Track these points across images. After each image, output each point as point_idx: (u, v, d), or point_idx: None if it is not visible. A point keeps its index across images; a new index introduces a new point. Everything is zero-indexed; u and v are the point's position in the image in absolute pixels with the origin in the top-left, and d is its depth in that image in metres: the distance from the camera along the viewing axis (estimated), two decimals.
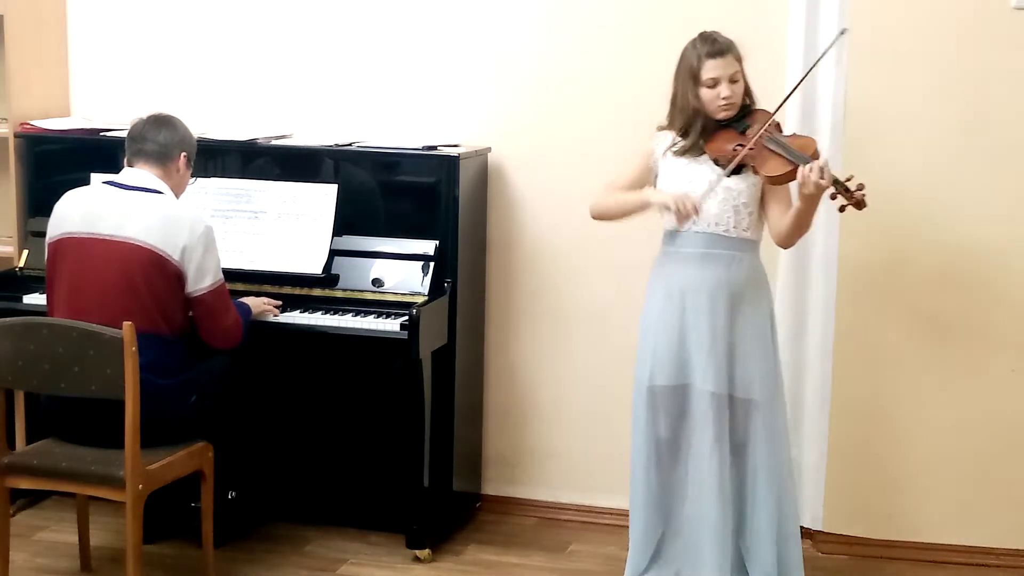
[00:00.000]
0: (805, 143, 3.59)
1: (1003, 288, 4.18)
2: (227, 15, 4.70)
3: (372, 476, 4.43)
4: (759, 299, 3.72)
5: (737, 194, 3.63)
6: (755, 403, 3.68)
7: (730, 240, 3.65)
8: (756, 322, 3.70)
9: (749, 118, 3.65)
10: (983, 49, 4.08)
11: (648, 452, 3.75)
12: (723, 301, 3.65)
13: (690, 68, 3.63)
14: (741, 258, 3.67)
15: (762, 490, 3.71)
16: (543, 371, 4.61)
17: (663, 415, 3.72)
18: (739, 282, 3.67)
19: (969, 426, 4.24)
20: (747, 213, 3.66)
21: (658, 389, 3.71)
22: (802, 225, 3.60)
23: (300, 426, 4.47)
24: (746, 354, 3.67)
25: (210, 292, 3.80)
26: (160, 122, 3.88)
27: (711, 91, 3.61)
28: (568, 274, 4.52)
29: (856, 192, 3.47)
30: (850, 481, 4.32)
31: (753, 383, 3.68)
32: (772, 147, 3.57)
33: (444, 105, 4.55)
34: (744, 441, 3.71)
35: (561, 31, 4.44)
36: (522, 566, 4.25)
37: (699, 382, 3.66)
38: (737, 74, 3.63)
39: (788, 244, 3.70)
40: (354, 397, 4.43)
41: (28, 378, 3.63)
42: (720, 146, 3.62)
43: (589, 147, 4.42)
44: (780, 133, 3.64)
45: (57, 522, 4.45)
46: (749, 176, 3.64)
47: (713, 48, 3.61)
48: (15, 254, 4.55)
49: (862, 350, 4.27)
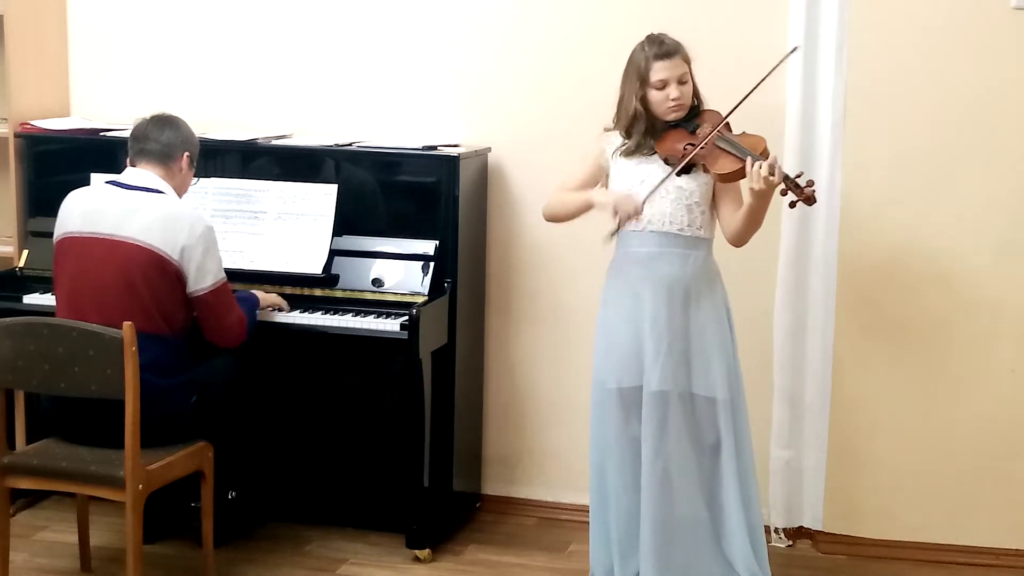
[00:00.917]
0: (755, 141, 3.61)
1: (1003, 288, 4.18)
2: (227, 15, 4.70)
3: (372, 476, 4.43)
4: (714, 296, 3.73)
5: (689, 193, 3.65)
6: (719, 401, 3.69)
7: (684, 239, 3.67)
8: (712, 319, 3.71)
9: (698, 118, 3.67)
10: (983, 49, 4.08)
11: (623, 454, 3.73)
12: (678, 299, 3.67)
13: (638, 70, 3.66)
14: (695, 256, 3.69)
15: (732, 488, 3.71)
16: (543, 371, 4.61)
17: (634, 415, 3.72)
18: (694, 280, 3.69)
19: (969, 426, 4.24)
20: (700, 212, 3.67)
21: (626, 390, 3.71)
22: (754, 222, 3.61)
23: (300, 426, 4.47)
24: (705, 351, 3.68)
25: (211, 292, 3.80)
26: (163, 122, 3.89)
27: (660, 92, 3.64)
28: (568, 274, 4.52)
29: (806, 188, 3.49)
30: (850, 481, 4.32)
31: (716, 381, 3.69)
32: (722, 145, 3.59)
33: (444, 105, 4.55)
34: (716, 440, 3.71)
35: (561, 31, 4.44)
36: (522, 566, 4.25)
37: (654, 383, 3.66)
38: (686, 75, 3.65)
39: (740, 242, 3.70)
40: (354, 397, 4.43)
41: (28, 378, 3.63)
42: (671, 145, 3.64)
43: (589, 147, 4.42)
44: (730, 132, 3.65)
45: (57, 522, 4.45)
46: (700, 175, 3.66)
47: (661, 50, 3.63)
48: (15, 254, 4.55)
49: (862, 350, 4.27)
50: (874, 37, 4.12)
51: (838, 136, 4.16)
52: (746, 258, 4.02)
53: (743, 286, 4.11)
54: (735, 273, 3.94)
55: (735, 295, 3.86)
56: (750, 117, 3.67)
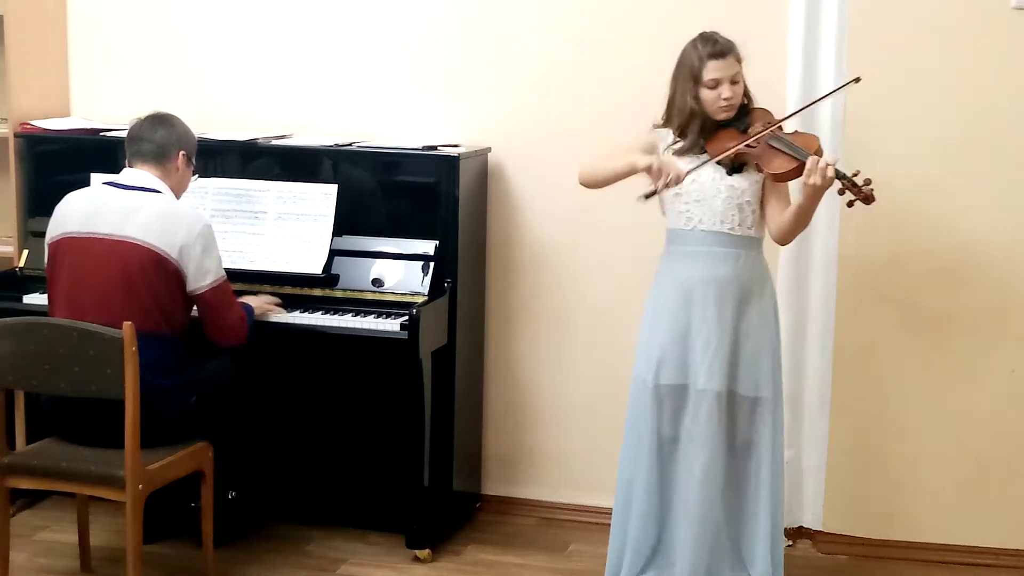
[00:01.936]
0: (808, 140, 3.61)
1: (1003, 288, 4.18)
2: (227, 15, 4.70)
3: (372, 476, 4.43)
4: (763, 296, 3.73)
5: (740, 192, 3.64)
6: (762, 400, 3.69)
7: (735, 238, 3.66)
8: (761, 319, 3.70)
9: (749, 117, 3.66)
10: (983, 49, 4.08)
11: (651, 452, 3.74)
12: (730, 299, 3.66)
13: (691, 68, 3.63)
14: (746, 256, 3.68)
15: (764, 489, 3.71)
16: (543, 371, 4.61)
17: (667, 414, 3.72)
18: (745, 280, 3.67)
19: (969, 426, 4.24)
20: (751, 211, 3.66)
21: (664, 388, 3.71)
22: (802, 221, 3.61)
23: (300, 426, 4.47)
24: (753, 351, 3.68)
25: (211, 290, 3.80)
26: (157, 121, 3.88)
27: (712, 92, 3.61)
28: (568, 274, 4.52)
29: (864, 187, 3.48)
30: (850, 481, 4.32)
31: (760, 381, 3.68)
32: (776, 145, 3.57)
33: (444, 105, 4.55)
34: (749, 440, 3.71)
35: (561, 31, 4.44)
36: (522, 566, 4.25)
37: (701, 382, 3.66)
38: (738, 75, 3.63)
39: (786, 241, 3.71)
40: (354, 397, 4.43)
41: (28, 378, 3.63)
42: (721, 145, 3.62)
43: (589, 146, 4.41)
44: (782, 131, 3.65)
45: (57, 522, 4.45)
46: (752, 174, 3.65)
47: (715, 49, 3.61)
48: (15, 254, 4.55)
49: (862, 350, 4.27)
50: (874, 37, 4.12)
51: (838, 136, 4.16)
52: None
53: None
54: None
55: None
56: None
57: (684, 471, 3.71)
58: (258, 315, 4.05)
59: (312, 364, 4.43)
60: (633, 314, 4.43)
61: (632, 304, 4.44)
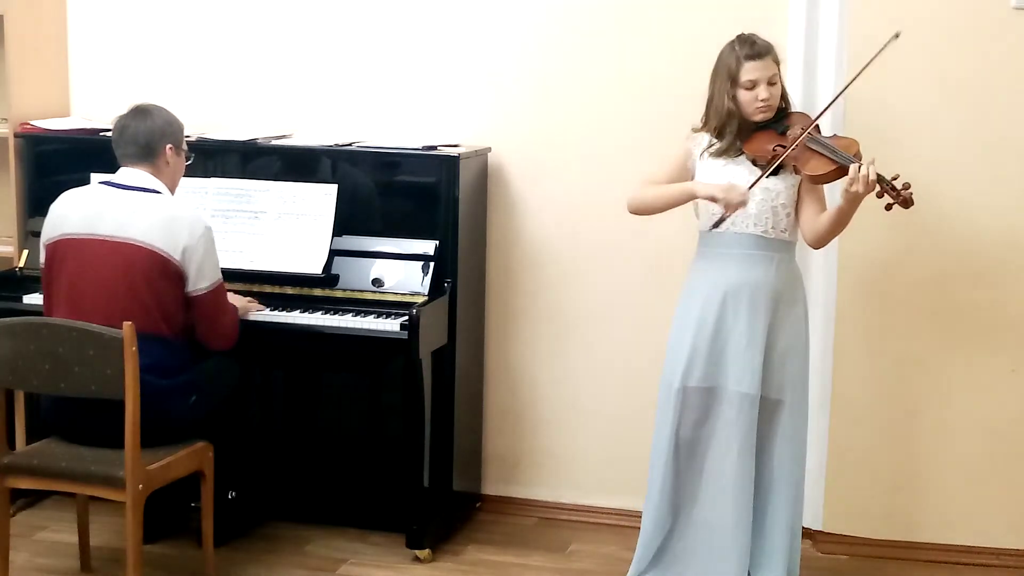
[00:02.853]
0: (847, 143, 3.60)
1: (1003, 288, 4.18)
2: (227, 15, 4.70)
3: (372, 476, 4.43)
4: (796, 300, 3.72)
5: (776, 195, 3.63)
6: (783, 404, 3.69)
7: (768, 241, 3.65)
8: (794, 323, 3.70)
9: (787, 120, 3.66)
10: (983, 49, 4.08)
11: (668, 451, 3.74)
12: (763, 302, 3.65)
13: (728, 69, 3.62)
14: (780, 259, 3.67)
15: (781, 492, 3.72)
16: (543, 371, 4.61)
17: (690, 416, 3.72)
18: (778, 283, 3.67)
19: (969, 426, 4.24)
20: (785, 214, 3.65)
21: (691, 390, 3.71)
22: (840, 225, 3.59)
23: (300, 426, 4.47)
24: (783, 355, 3.68)
25: (209, 292, 3.80)
26: (137, 117, 3.82)
27: (749, 93, 3.61)
28: (568, 274, 4.52)
29: (903, 191, 3.47)
30: (850, 481, 4.32)
31: (785, 384, 3.69)
32: (815, 147, 3.57)
33: (444, 105, 4.55)
34: (765, 442, 3.72)
35: (561, 31, 4.44)
36: (522, 566, 4.25)
37: (732, 384, 3.66)
38: (775, 77, 3.63)
39: (821, 244, 3.69)
40: (354, 397, 4.44)
41: (28, 378, 3.63)
42: (759, 146, 3.62)
43: (589, 147, 4.43)
44: (820, 134, 3.64)
45: (57, 522, 4.45)
46: (788, 177, 3.64)
47: (752, 50, 3.61)
48: (15, 254, 4.55)
49: (862, 350, 4.27)
50: (873, 37, 4.11)
51: None
52: None
53: None
54: None
55: None
56: None
57: (711, 477, 3.71)
58: (240, 315, 4.04)
59: (312, 364, 4.43)
60: (633, 314, 4.45)
61: (631, 303, 4.46)
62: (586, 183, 4.44)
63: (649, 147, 4.14)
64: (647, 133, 4.24)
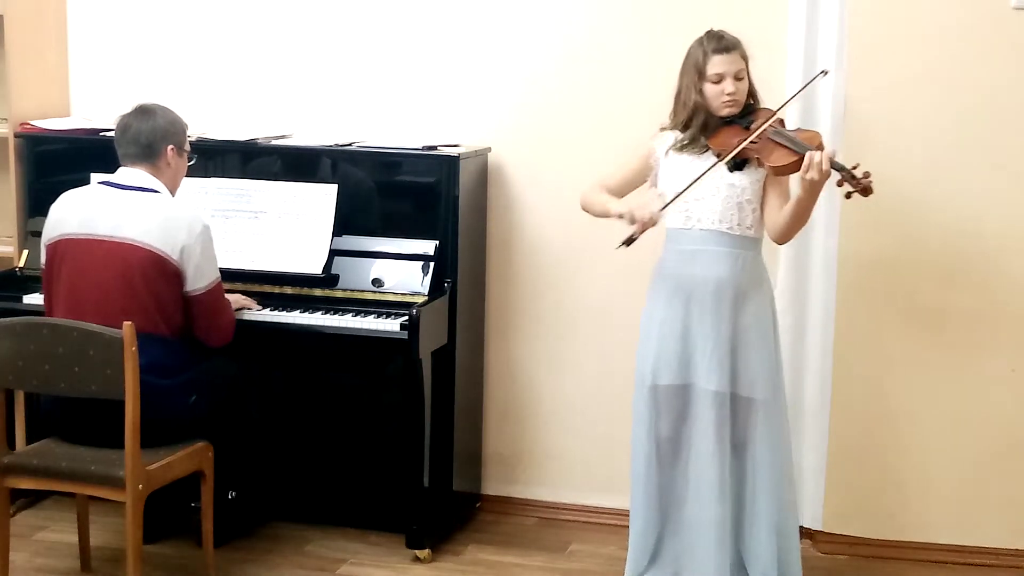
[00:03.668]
0: (810, 135, 3.61)
1: (1003, 288, 4.18)
2: (227, 15, 4.70)
3: (372, 476, 4.43)
4: (762, 297, 3.72)
5: (741, 191, 3.64)
6: (757, 401, 3.69)
7: (733, 238, 3.65)
8: (759, 320, 3.70)
9: (753, 115, 3.66)
10: (983, 49, 4.08)
11: (649, 452, 3.75)
12: (727, 299, 3.66)
13: (696, 63, 3.64)
14: (745, 256, 3.67)
15: (762, 490, 3.71)
16: (543, 371, 4.61)
17: (665, 414, 3.73)
18: (743, 280, 3.67)
19: (969, 426, 4.24)
20: (751, 210, 3.65)
21: (661, 388, 3.71)
22: (801, 217, 3.59)
23: (300, 426, 4.47)
24: (749, 352, 3.68)
25: (208, 292, 3.81)
26: (139, 117, 3.83)
27: (716, 87, 3.62)
28: (568, 274, 4.52)
29: (863, 179, 3.47)
30: (850, 481, 4.32)
31: (756, 381, 3.68)
32: (777, 139, 3.57)
33: (444, 105, 4.55)
34: (744, 440, 3.72)
35: (561, 31, 4.44)
36: (522, 566, 4.25)
37: (702, 382, 3.66)
38: (742, 72, 3.64)
39: (784, 239, 3.69)
40: (354, 397, 4.44)
41: (28, 378, 3.63)
42: (724, 140, 3.62)
43: (589, 147, 4.42)
44: (784, 127, 3.65)
45: (57, 522, 4.45)
46: (753, 171, 3.65)
47: (719, 44, 3.62)
48: (15, 254, 4.55)
49: (862, 350, 4.27)
50: (874, 37, 4.12)
51: (838, 135, 4.15)
52: None
53: None
54: None
55: None
56: None
57: (694, 475, 3.71)
58: (234, 307, 4.04)
59: (312, 364, 4.43)
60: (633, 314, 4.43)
61: (632, 303, 4.44)
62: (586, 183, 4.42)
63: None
64: (647, 133, 4.22)
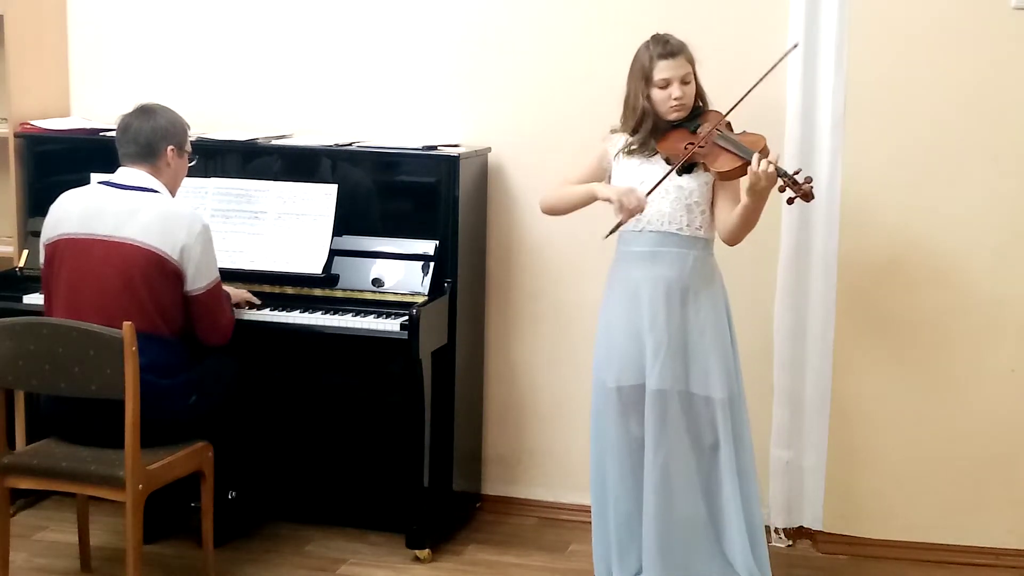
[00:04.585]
0: (754, 139, 3.61)
1: (1002, 288, 4.18)
2: (227, 15, 4.70)
3: (372, 476, 4.43)
4: (713, 296, 3.73)
5: (689, 193, 3.65)
6: (714, 400, 3.69)
7: (682, 239, 3.67)
8: (711, 318, 3.70)
9: (701, 118, 3.68)
10: (983, 49, 4.08)
11: (621, 454, 3.74)
12: (676, 298, 3.67)
13: (642, 68, 3.67)
14: (695, 256, 3.69)
15: (729, 488, 3.70)
16: (543, 371, 4.61)
17: (633, 414, 3.72)
18: (693, 279, 3.68)
19: (969, 426, 4.24)
20: (699, 212, 3.67)
21: (625, 389, 3.72)
22: (749, 221, 3.60)
23: (300, 426, 4.47)
24: (703, 350, 3.68)
25: (207, 291, 3.81)
26: (140, 117, 3.83)
27: (663, 92, 3.65)
28: (568, 274, 4.52)
29: (804, 184, 3.48)
30: (850, 481, 4.32)
31: (711, 379, 3.68)
32: (722, 144, 3.60)
33: (444, 105, 4.55)
34: (714, 440, 3.71)
35: (561, 31, 4.44)
36: (522, 566, 4.25)
37: (653, 382, 3.66)
38: (689, 75, 3.66)
39: (734, 241, 3.69)
40: (354, 397, 4.43)
41: (28, 378, 3.63)
42: (672, 145, 3.65)
43: (589, 147, 4.41)
44: (730, 131, 3.66)
45: (57, 522, 4.45)
46: (701, 175, 3.67)
47: (665, 49, 3.65)
48: (15, 254, 4.55)
49: (862, 350, 4.27)
50: (874, 36, 4.12)
51: (838, 136, 4.16)
52: (746, 258, 4.03)
53: (743, 286, 4.12)
54: (735, 273, 3.95)
55: (735, 295, 3.86)
56: (751, 117, 3.68)
57: (659, 474, 3.70)
58: (233, 301, 4.05)
59: (312, 364, 4.43)
60: None
61: None
62: None
63: None
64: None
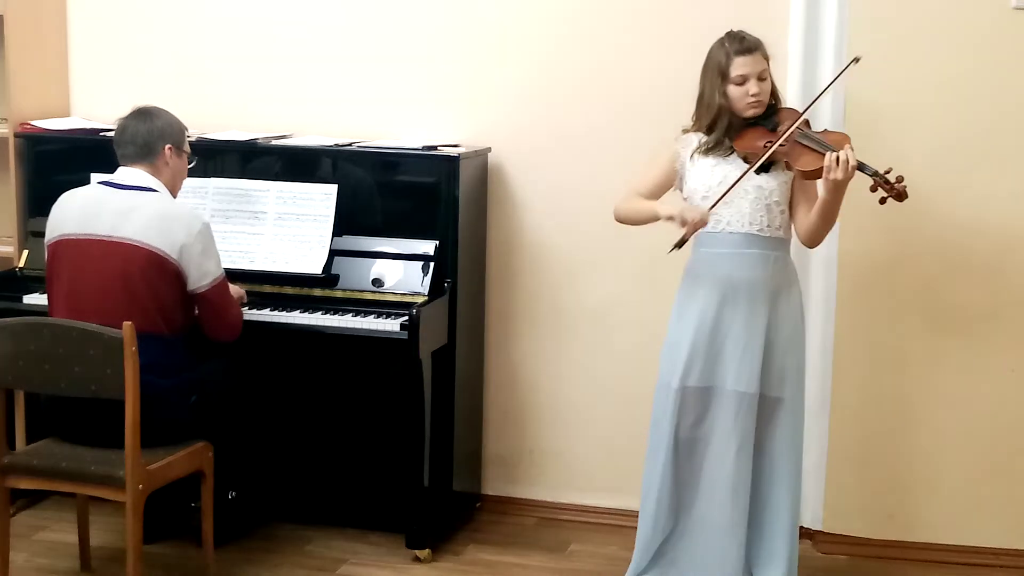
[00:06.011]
0: (838, 138, 3.58)
1: (1003, 288, 4.18)
2: (227, 16, 4.70)
3: (372, 476, 4.43)
4: (792, 298, 3.72)
5: (769, 192, 3.63)
6: (782, 401, 3.69)
7: (764, 239, 3.64)
8: (791, 320, 3.71)
9: (777, 116, 3.64)
10: (983, 49, 4.08)
11: (667, 452, 3.74)
12: (760, 301, 3.65)
13: (718, 65, 3.62)
14: (775, 257, 3.67)
15: (781, 490, 3.72)
16: (543, 371, 4.61)
17: (689, 416, 3.72)
18: (774, 281, 3.67)
19: (969, 426, 4.24)
20: (779, 212, 3.65)
21: (689, 390, 3.70)
22: (828, 219, 3.58)
23: (300, 426, 4.47)
24: (781, 352, 3.68)
25: (212, 289, 3.81)
26: (137, 118, 3.84)
27: (739, 88, 3.61)
28: (568, 274, 4.52)
29: (896, 184, 3.46)
30: (850, 481, 4.33)
31: (784, 381, 3.69)
32: (805, 142, 3.56)
33: (444, 105, 4.55)
34: (764, 440, 3.71)
35: (561, 31, 4.44)
36: (522, 566, 4.25)
37: (730, 383, 3.66)
38: (765, 72, 3.63)
39: (814, 242, 3.68)
40: (354, 397, 4.43)
41: (28, 378, 3.64)
42: (750, 143, 3.60)
43: (589, 147, 4.43)
44: (811, 129, 3.64)
45: (57, 522, 4.45)
46: (780, 174, 3.64)
47: (742, 45, 3.61)
48: (15, 254, 4.55)
49: (862, 350, 4.27)
50: (874, 36, 4.12)
51: None
52: None
53: None
54: None
55: None
56: None
57: (708, 477, 3.71)
58: None
59: (312, 364, 4.43)
60: (633, 314, 4.45)
61: (632, 304, 4.46)
62: (586, 183, 4.43)
63: (649, 147, 4.13)
64: (647, 133, 4.23)
